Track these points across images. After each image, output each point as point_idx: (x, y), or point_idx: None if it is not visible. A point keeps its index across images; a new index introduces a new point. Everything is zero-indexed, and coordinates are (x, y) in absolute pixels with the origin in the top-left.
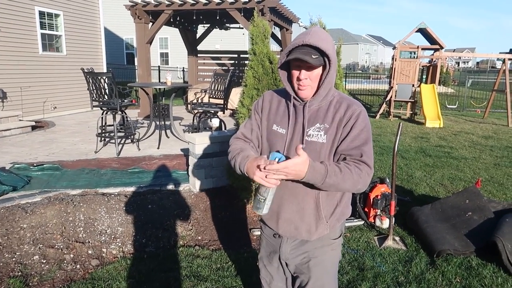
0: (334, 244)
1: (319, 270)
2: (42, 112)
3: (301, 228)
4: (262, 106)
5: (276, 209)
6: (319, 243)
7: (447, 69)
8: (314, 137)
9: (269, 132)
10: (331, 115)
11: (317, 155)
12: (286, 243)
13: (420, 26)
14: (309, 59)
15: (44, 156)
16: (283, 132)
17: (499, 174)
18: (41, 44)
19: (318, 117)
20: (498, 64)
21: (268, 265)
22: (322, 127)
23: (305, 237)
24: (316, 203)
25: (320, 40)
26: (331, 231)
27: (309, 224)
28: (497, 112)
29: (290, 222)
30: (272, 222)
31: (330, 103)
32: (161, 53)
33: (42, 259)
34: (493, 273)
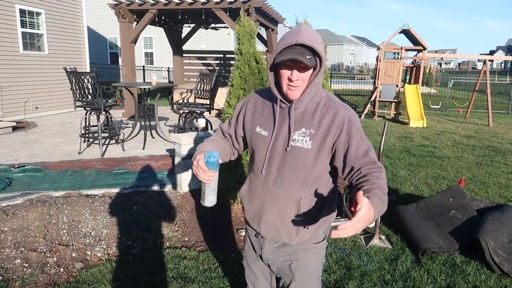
0: (316, 248)
1: (301, 273)
2: (23, 112)
3: (282, 232)
4: (247, 108)
5: (258, 211)
6: (301, 247)
7: (430, 70)
8: (299, 142)
9: (252, 134)
10: (317, 119)
11: (301, 162)
12: (268, 244)
13: (404, 27)
14: (305, 60)
15: (25, 157)
16: (265, 134)
17: (481, 173)
18: (22, 43)
19: (304, 120)
20: (479, 65)
21: (252, 264)
22: (308, 132)
23: (285, 240)
24: (297, 209)
25: (312, 40)
26: (313, 236)
27: (289, 229)
28: (478, 112)
29: (271, 225)
30: (255, 224)
31: (317, 105)
32: (146, 52)
33: (24, 263)
34: (477, 270)
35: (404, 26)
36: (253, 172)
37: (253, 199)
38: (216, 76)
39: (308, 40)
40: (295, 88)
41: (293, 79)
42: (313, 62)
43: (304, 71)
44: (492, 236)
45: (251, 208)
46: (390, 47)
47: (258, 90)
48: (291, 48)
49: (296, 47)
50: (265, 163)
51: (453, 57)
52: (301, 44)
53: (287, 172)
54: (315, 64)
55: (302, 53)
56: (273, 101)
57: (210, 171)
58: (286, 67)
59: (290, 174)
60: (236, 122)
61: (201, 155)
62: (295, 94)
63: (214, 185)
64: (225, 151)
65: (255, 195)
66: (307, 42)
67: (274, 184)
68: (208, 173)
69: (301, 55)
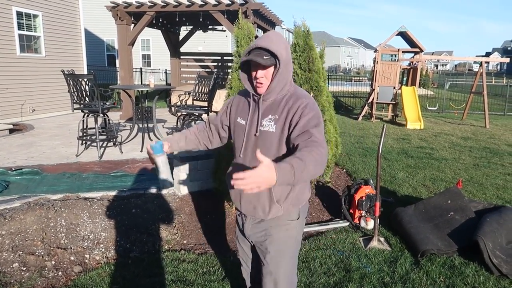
0: (290, 225)
1: (273, 248)
2: (20, 115)
3: (258, 208)
4: (233, 104)
5: (238, 191)
6: (274, 222)
7: (427, 72)
8: (266, 127)
9: (235, 124)
10: (281, 107)
11: (269, 143)
12: (249, 221)
13: (401, 29)
14: (260, 60)
15: (23, 160)
16: (243, 123)
17: (479, 174)
18: (19, 45)
19: (271, 109)
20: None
21: (242, 243)
22: (273, 118)
23: (261, 216)
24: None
25: (270, 43)
26: (285, 213)
27: (264, 205)
28: (475, 113)
29: (249, 202)
30: (237, 202)
31: (284, 97)
32: (143, 54)
33: (22, 266)
34: (476, 272)
35: (401, 28)
36: (235, 157)
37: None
38: (214, 78)
39: (265, 44)
40: (261, 84)
41: (257, 76)
42: (271, 61)
43: (265, 69)
44: (491, 237)
45: (234, 189)
46: (387, 49)
47: (241, 91)
48: (253, 51)
49: (256, 50)
50: (243, 147)
51: (449, 59)
52: (259, 47)
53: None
54: (274, 62)
55: (259, 54)
56: (249, 96)
57: (154, 154)
58: (253, 67)
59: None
60: (224, 114)
61: (152, 143)
62: (262, 89)
63: (162, 167)
64: (196, 140)
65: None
66: (263, 45)
67: (250, 164)
68: (152, 155)
69: (258, 56)
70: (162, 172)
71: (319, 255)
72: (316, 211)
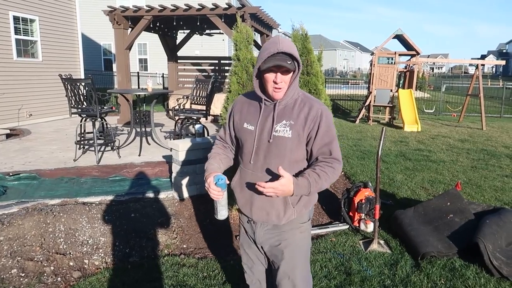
0: (302, 227)
1: (290, 251)
2: (17, 119)
3: (272, 214)
4: (235, 110)
5: (249, 197)
6: (288, 227)
7: (423, 74)
8: (281, 132)
9: (240, 130)
10: (296, 112)
11: (283, 148)
12: (260, 227)
13: (397, 32)
14: (287, 64)
15: (20, 165)
16: (252, 128)
17: (477, 176)
18: (16, 50)
19: (284, 114)
20: (471, 69)
21: (248, 249)
22: (288, 123)
23: (275, 221)
24: None
25: (290, 48)
26: (299, 216)
27: (278, 210)
28: (472, 116)
29: (262, 209)
30: (247, 209)
31: (295, 102)
32: (140, 59)
33: (21, 272)
34: (476, 274)
35: (398, 31)
36: (242, 163)
37: (243, 187)
38: (212, 82)
39: (287, 48)
40: (279, 90)
41: (277, 81)
42: (293, 66)
43: (286, 74)
44: (491, 239)
45: (243, 196)
46: (384, 52)
47: (244, 94)
48: (273, 56)
49: (278, 55)
50: (253, 153)
51: (445, 61)
52: (282, 52)
53: (272, 159)
54: (295, 67)
55: (283, 59)
56: (258, 101)
57: (223, 190)
58: (271, 72)
59: (275, 160)
60: (228, 125)
61: (211, 179)
62: (280, 95)
63: (224, 201)
64: (228, 159)
65: (246, 183)
66: (287, 50)
67: (262, 170)
68: (220, 192)
69: (283, 61)
70: (225, 204)
71: (320, 258)
72: (315, 214)
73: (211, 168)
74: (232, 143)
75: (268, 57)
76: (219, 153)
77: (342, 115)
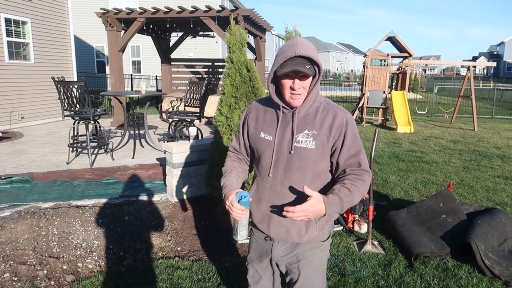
0: (323, 246)
1: (308, 271)
2: (9, 122)
3: (292, 231)
4: (249, 117)
5: (267, 213)
6: (309, 246)
7: (416, 76)
8: (303, 143)
9: (256, 140)
10: (319, 121)
11: (306, 160)
12: (278, 245)
13: (390, 34)
14: (305, 69)
15: (12, 168)
16: (269, 139)
17: (469, 177)
18: (8, 52)
19: (306, 123)
20: (462, 71)
21: (258, 265)
22: (311, 134)
23: (295, 239)
24: None
25: (309, 51)
26: (320, 233)
27: (300, 227)
28: (464, 117)
29: (281, 226)
30: (264, 226)
31: (317, 110)
32: (133, 61)
33: (14, 276)
34: (469, 274)
35: (390, 33)
36: (260, 176)
37: (261, 201)
38: (206, 84)
39: (305, 52)
40: (298, 96)
41: (295, 87)
42: (312, 70)
43: (304, 79)
44: (483, 239)
45: (259, 211)
46: (377, 54)
47: (258, 100)
48: (290, 60)
49: (295, 59)
50: (272, 166)
51: (437, 63)
52: (299, 55)
53: (293, 172)
54: (314, 72)
55: (301, 63)
56: (276, 108)
57: (247, 208)
58: (288, 77)
59: (297, 174)
60: (242, 134)
61: (233, 196)
62: (298, 102)
63: (246, 221)
64: (244, 172)
65: (263, 198)
66: (305, 53)
67: (282, 184)
68: (244, 211)
69: (301, 66)
70: (246, 224)
71: None
72: None
73: (229, 185)
74: (247, 154)
75: (284, 61)
76: (235, 167)
77: None
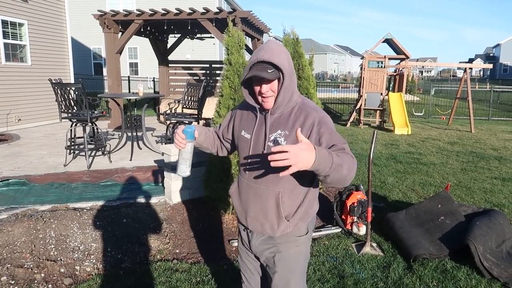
0: (299, 241)
1: (283, 265)
2: (5, 124)
3: (265, 225)
4: (237, 114)
5: (245, 207)
6: (283, 239)
7: (413, 78)
8: (276, 143)
9: (239, 137)
10: (291, 122)
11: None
12: (255, 237)
13: (387, 36)
14: (265, 74)
15: (9, 171)
16: (247, 137)
17: (466, 178)
18: (4, 54)
19: (280, 124)
20: (459, 72)
21: (245, 258)
22: (283, 134)
23: (269, 233)
24: (276, 203)
25: (273, 55)
26: (295, 229)
27: (272, 222)
28: (461, 118)
29: (256, 219)
30: (243, 218)
31: (292, 110)
32: (131, 63)
33: (11, 280)
34: (467, 276)
35: (387, 35)
36: (240, 172)
37: (240, 196)
38: (204, 86)
39: (268, 57)
40: (267, 98)
41: (262, 91)
42: (275, 74)
43: (270, 83)
44: (481, 241)
45: (239, 204)
46: (374, 56)
47: (244, 100)
48: (255, 66)
49: (259, 64)
50: (248, 163)
51: (434, 65)
52: (262, 61)
53: (267, 171)
54: (278, 75)
55: (263, 68)
56: (253, 109)
57: (185, 139)
58: (256, 82)
59: (270, 173)
60: (225, 128)
61: (182, 126)
62: (268, 104)
63: (186, 155)
64: (211, 139)
65: (242, 192)
66: (267, 58)
67: (256, 181)
68: (183, 140)
69: (263, 71)
70: (187, 159)
71: (313, 262)
72: None
73: (196, 126)
74: (223, 139)
75: (250, 67)
76: (209, 130)
77: (333, 119)
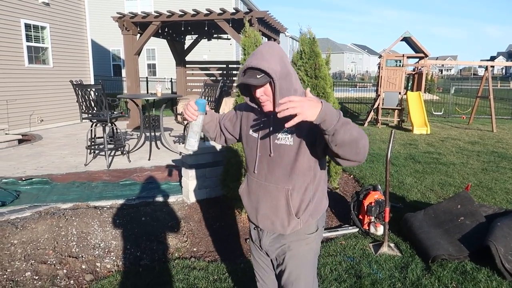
0: (309, 238)
1: (293, 263)
2: (28, 125)
3: (276, 223)
4: (244, 114)
5: (255, 205)
6: (294, 237)
7: (432, 77)
8: (283, 140)
9: (247, 136)
10: None
11: (286, 157)
12: (266, 235)
13: (405, 35)
14: (252, 81)
15: (32, 170)
16: (255, 136)
17: (487, 178)
18: (27, 57)
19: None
20: (480, 71)
21: (258, 257)
22: (289, 131)
23: (280, 231)
24: (286, 200)
25: (262, 61)
26: (305, 226)
27: (282, 219)
28: (482, 118)
29: (266, 217)
30: (253, 217)
31: None
32: (149, 64)
33: (35, 275)
34: (488, 277)
35: (405, 34)
36: (248, 171)
37: (250, 194)
38: (221, 87)
39: (256, 62)
40: (265, 103)
41: (258, 96)
42: (265, 79)
43: (262, 87)
44: (502, 242)
45: (249, 203)
46: (392, 55)
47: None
48: (246, 72)
49: (249, 71)
50: (257, 161)
51: (454, 63)
52: (250, 67)
53: (275, 168)
54: (269, 80)
55: (252, 74)
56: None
57: (198, 111)
58: (252, 87)
59: (278, 169)
60: (230, 121)
61: (193, 100)
62: (268, 108)
63: (197, 128)
64: (215, 123)
65: (252, 191)
66: (255, 64)
67: (266, 179)
68: (195, 112)
69: (251, 77)
70: (197, 132)
71: (329, 262)
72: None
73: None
74: (224, 129)
75: (242, 74)
76: (215, 114)
77: (350, 118)
